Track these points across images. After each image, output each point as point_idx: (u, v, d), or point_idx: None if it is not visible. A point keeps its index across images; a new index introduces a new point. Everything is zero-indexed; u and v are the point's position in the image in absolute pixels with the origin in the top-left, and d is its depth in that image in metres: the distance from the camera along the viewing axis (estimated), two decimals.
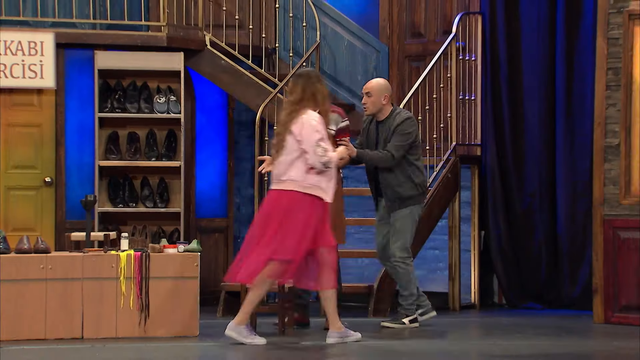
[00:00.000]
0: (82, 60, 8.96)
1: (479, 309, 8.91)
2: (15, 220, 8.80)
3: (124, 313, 7.13)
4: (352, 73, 9.64)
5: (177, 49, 8.96)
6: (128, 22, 9.01)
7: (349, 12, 9.74)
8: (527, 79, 8.97)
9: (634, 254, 7.79)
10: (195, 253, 7.30)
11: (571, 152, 8.76)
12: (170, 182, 9.09)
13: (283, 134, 6.83)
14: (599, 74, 7.99)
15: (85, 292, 7.10)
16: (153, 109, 9.00)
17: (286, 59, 9.41)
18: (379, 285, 8.31)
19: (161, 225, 9.11)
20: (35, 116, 8.91)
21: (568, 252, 8.77)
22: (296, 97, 6.86)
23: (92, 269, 7.12)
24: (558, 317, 8.31)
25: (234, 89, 9.20)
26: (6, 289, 7.02)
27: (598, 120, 7.98)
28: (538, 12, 8.89)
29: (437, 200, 8.76)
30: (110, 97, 8.99)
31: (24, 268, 7.07)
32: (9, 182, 8.87)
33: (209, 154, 9.58)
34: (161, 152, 9.06)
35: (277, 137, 6.89)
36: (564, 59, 8.78)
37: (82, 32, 8.94)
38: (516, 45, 8.99)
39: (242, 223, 9.72)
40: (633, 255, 7.79)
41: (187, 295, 7.22)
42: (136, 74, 9.00)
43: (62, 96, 8.93)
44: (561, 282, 8.81)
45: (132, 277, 7.13)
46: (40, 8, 8.88)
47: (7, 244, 7.18)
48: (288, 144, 6.83)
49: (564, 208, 8.78)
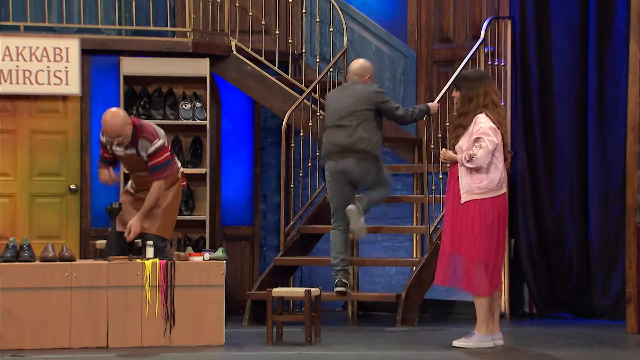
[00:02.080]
0: (108, 67, 9.02)
1: (509, 318, 8.88)
2: (40, 227, 8.85)
3: (149, 322, 7.15)
4: (380, 78, 9.63)
5: (202, 55, 8.99)
6: (153, 27, 9.05)
7: (377, 17, 9.75)
8: (557, 84, 8.94)
9: None
10: (221, 261, 7.31)
11: (603, 158, 8.72)
12: (196, 189, 9.12)
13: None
14: (632, 79, 7.95)
15: (110, 300, 7.13)
16: (178, 116, 9.04)
17: (313, 64, 9.43)
18: (407, 295, 8.29)
19: (186, 233, 9.13)
20: (60, 123, 8.96)
21: (600, 261, 8.72)
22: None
23: (117, 277, 7.15)
24: (590, 327, 8.27)
25: (260, 95, 9.22)
26: (31, 297, 7.06)
27: (631, 125, 7.95)
28: (569, 16, 8.86)
29: None
30: (136, 104, 9.04)
31: (48, 276, 7.10)
32: (34, 190, 8.93)
33: (234, 161, 9.61)
34: (186, 159, 9.09)
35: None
36: (595, 63, 8.75)
37: (107, 38, 8.99)
38: (547, 50, 8.96)
39: (268, 231, 9.74)
40: None
41: (212, 304, 7.23)
42: (162, 80, 9.04)
43: (87, 103, 8.98)
44: (593, 291, 8.76)
45: (158, 286, 7.15)
46: (66, 14, 8.94)
47: (32, 251, 7.22)
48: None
49: (596, 215, 8.74)
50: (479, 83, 6.97)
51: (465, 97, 6.96)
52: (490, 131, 6.89)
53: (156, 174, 7.29)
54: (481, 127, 6.89)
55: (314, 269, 9.69)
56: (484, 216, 6.90)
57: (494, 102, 6.99)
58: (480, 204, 6.88)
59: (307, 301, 7.33)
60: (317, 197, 9.06)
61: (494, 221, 6.93)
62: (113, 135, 7.24)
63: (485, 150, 6.84)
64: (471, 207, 6.90)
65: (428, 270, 8.34)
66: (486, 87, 6.98)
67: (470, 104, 6.96)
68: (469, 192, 6.90)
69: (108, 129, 7.24)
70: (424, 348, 7.20)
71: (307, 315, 7.33)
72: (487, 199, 6.89)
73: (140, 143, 7.29)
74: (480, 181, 6.89)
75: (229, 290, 7.60)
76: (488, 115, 6.95)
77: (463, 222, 6.92)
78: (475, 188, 6.89)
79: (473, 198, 6.89)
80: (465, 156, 6.89)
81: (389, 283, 9.55)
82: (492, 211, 6.92)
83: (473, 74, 7.10)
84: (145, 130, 7.31)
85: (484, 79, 7.02)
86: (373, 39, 9.69)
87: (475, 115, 6.96)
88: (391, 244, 9.64)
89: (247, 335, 7.75)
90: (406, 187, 9.63)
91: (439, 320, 8.71)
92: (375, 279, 9.64)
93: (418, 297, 8.39)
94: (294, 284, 9.37)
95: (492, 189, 6.89)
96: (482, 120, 6.93)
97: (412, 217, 9.49)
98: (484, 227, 6.90)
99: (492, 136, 6.88)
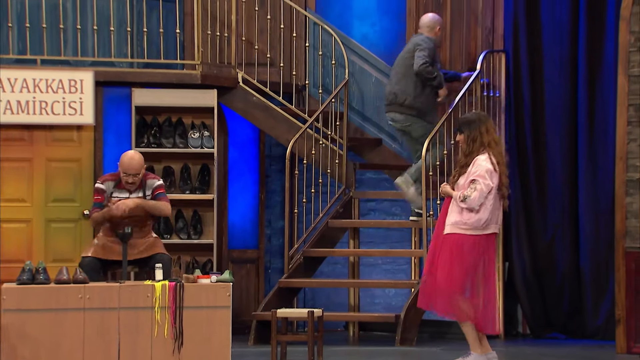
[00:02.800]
0: (120, 98, 9.04)
1: (504, 338, 8.85)
2: (55, 251, 8.85)
3: (159, 341, 7.12)
4: (380, 109, 9.64)
5: (210, 86, 9.02)
6: (164, 60, 9.09)
7: (377, 50, 9.77)
8: (549, 113, 8.95)
9: None
10: (228, 283, 7.29)
11: (593, 186, 8.71)
12: (204, 214, 9.12)
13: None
14: (620, 110, 7.97)
15: (121, 321, 7.10)
16: (187, 144, 9.05)
17: (316, 95, 9.45)
18: (405, 315, 8.27)
19: (195, 256, 9.12)
20: (74, 151, 8.98)
21: (591, 283, 8.70)
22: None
23: (128, 298, 7.13)
24: (581, 347, 8.24)
25: (265, 125, 9.24)
26: (46, 318, 7.04)
27: (620, 154, 7.95)
28: (560, 50, 8.89)
29: None
30: (147, 133, 9.05)
31: (63, 298, 7.08)
32: (49, 215, 8.93)
33: (240, 187, 9.61)
34: (195, 186, 9.10)
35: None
36: (585, 94, 8.76)
37: (120, 70, 9.02)
38: (539, 81, 8.98)
39: (272, 254, 9.72)
40: None
41: (219, 324, 7.20)
42: (171, 110, 9.06)
43: (100, 132, 9.00)
44: (584, 312, 8.74)
45: (167, 307, 7.13)
46: (81, 48, 8.97)
47: (47, 274, 7.20)
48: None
49: (587, 240, 8.73)
50: (479, 123, 6.98)
51: (469, 138, 6.96)
52: (487, 174, 6.82)
53: (163, 197, 7.50)
54: (479, 169, 6.84)
55: (316, 290, 9.68)
56: (462, 250, 6.81)
57: (495, 140, 6.98)
58: (461, 238, 6.80)
59: (310, 322, 7.32)
60: (319, 222, 9.05)
61: (477, 259, 6.81)
62: (133, 173, 7.35)
63: (479, 193, 6.79)
64: (452, 239, 6.83)
65: None
66: (487, 126, 6.98)
67: (475, 143, 6.94)
68: (453, 225, 6.85)
69: (133, 167, 7.37)
70: None
71: (310, 335, 7.31)
72: (470, 235, 6.82)
73: (147, 184, 7.47)
74: (468, 218, 6.83)
75: (235, 311, 7.59)
76: (490, 156, 6.89)
77: (442, 252, 6.88)
78: (461, 223, 6.83)
79: (456, 232, 6.83)
80: (460, 195, 6.85)
81: (388, 304, 9.54)
82: (473, 249, 6.80)
83: (472, 116, 7.12)
84: (150, 174, 7.62)
85: (483, 118, 7.04)
86: (373, 71, 9.72)
87: (478, 154, 6.94)
88: (391, 266, 9.64)
89: (253, 354, 7.72)
90: (405, 212, 9.62)
91: (437, 340, 8.68)
92: (376, 300, 9.63)
93: (416, 317, 8.37)
94: (297, 305, 9.35)
95: (477, 227, 6.81)
96: (481, 163, 6.86)
97: (410, 241, 9.47)
98: (460, 260, 6.81)
99: (488, 179, 6.81)
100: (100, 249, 7.50)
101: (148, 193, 7.49)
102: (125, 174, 7.42)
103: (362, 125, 9.72)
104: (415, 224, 9.06)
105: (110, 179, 7.54)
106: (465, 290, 6.81)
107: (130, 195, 7.48)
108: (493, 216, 6.86)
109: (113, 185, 7.49)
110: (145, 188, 7.48)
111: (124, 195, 7.45)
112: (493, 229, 6.88)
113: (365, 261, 9.52)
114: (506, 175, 6.90)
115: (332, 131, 9.15)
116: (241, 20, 9.26)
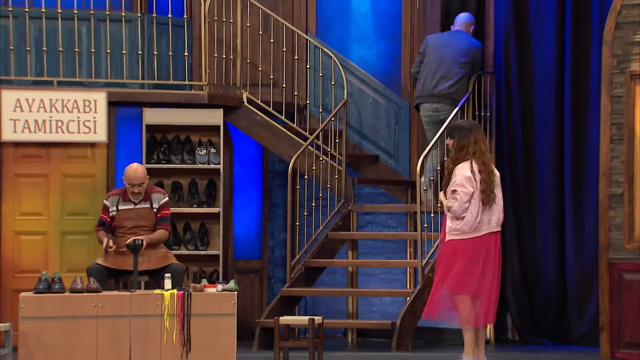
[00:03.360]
0: (131, 117, 9.08)
1: (494, 344, 8.89)
2: (70, 262, 8.87)
3: (168, 347, 7.17)
4: (377, 127, 9.72)
5: (217, 106, 9.07)
6: (173, 82, 9.13)
7: (374, 72, 9.84)
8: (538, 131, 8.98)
9: (637, 295, 7.78)
10: (233, 292, 7.35)
11: (579, 200, 8.77)
12: (210, 226, 9.17)
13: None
14: (603, 129, 8.04)
15: (132, 328, 7.15)
16: (195, 160, 9.12)
17: (316, 114, 9.51)
18: (401, 322, 8.33)
19: (202, 266, 9.17)
20: (88, 167, 9.00)
21: (576, 293, 8.75)
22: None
23: (138, 307, 7.18)
24: (567, 353, 8.29)
25: (268, 142, 9.29)
26: (61, 325, 7.10)
27: (603, 170, 8.01)
28: (547, 72, 8.95)
29: None
30: (156, 150, 9.12)
31: (77, 306, 7.14)
32: (65, 228, 8.98)
33: (245, 201, 9.66)
34: (202, 200, 9.16)
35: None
36: (571, 115, 8.82)
37: (131, 91, 9.07)
38: (528, 102, 9.03)
39: (275, 264, 9.76)
40: (636, 296, 7.78)
41: (225, 331, 7.25)
42: (180, 128, 9.11)
43: (112, 149, 9.04)
44: (570, 320, 8.78)
45: (175, 315, 7.18)
46: (94, 70, 9.03)
47: (62, 284, 7.26)
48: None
49: (572, 251, 8.77)
50: (470, 132, 6.94)
51: (457, 145, 6.94)
52: (465, 181, 6.85)
53: (165, 224, 7.63)
54: (457, 177, 6.90)
55: (317, 299, 9.71)
56: (456, 254, 6.89)
57: (482, 151, 6.97)
58: (457, 243, 6.90)
59: (310, 328, 7.36)
60: (320, 234, 9.10)
61: (475, 257, 6.87)
62: (138, 183, 7.48)
63: (460, 202, 6.85)
64: (448, 245, 6.93)
65: (420, 300, 8.36)
66: (476, 136, 6.95)
67: (461, 152, 6.94)
68: (449, 233, 6.96)
69: (137, 177, 7.54)
70: None
71: (311, 341, 7.35)
72: (462, 240, 6.88)
73: (153, 197, 7.60)
74: (457, 224, 6.91)
75: (240, 318, 7.63)
76: (472, 164, 6.92)
77: (444, 258, 6.97)
78: (452, 230, 6.92)
79: (452, 238, 6.93)
80: (446, 206, 6.95)
81: (385, 312, 9.57)
82: (469, 249, 6.86)
83: (465, 123, 7.10)
84: (155, 188, 7.78)
85: (474, 128, 7.01)
86: (370, 91, 9.78)
87: (462, 161, 6.97)
88: (387, 276, 9.67)
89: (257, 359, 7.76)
90: (400, 224, 9.67)
91: (431, 346, 8.71)
92: (373, 307, 9.66)
93: (412, 324, 8.42)
94: (299, 312, 9.37)
95: (465, 231, 6.87)
96: (460, 171, 6.88)
97: (405, 252, 9.53)
98: (456, 263, 6.89)
99: (467, 187, 6.85)
100: (112, 259, 7.59)
101: (155, 206, 7.61)
102: (130, 184, 7.54)
103: (360, 143, 9.79)
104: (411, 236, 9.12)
105: (115, 194, 7.69)
106: (464, 292, 6.85)
107: (135, 206, 7.59)
108: (484, 217, 6.89)
109: (118, 199, 7.62)
110: (151, 201, 7.59)
111: (129, 206, 7.57)
112: (487, 229, 6.91)
113: (363, 271, 9.56)
114: (487, 182, 6.91)
115: (332, 148, 9.19)
116: (246, 44, 9.32)
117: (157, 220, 7.63)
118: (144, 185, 7.57)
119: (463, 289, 6.84)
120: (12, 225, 8.86)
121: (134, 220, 7.61)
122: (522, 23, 9.00)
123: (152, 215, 7.62)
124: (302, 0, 9.73)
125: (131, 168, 7.63)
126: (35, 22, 8.96)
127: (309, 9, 9.76)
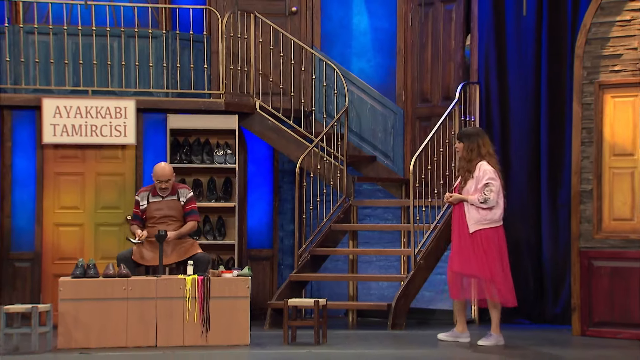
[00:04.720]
0: (157, 122, 9.11)
1: (478, 323, 8.94)
2: (103, 250, 8.92)
3: (189, 326, 7.24)
4: (374, 131, 9.75)
5: (232, 112, 9.11)
6: (194, 91, 9.18)
7: (372, 82, 9.88)
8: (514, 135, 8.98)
9: (604, 279, 7.84)
10: (247, 277, 7.40)
11: (553, 196, 8.80)
12: (227, 219, 9.21)
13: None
14: (575, 133, 8.08)
15: (158, 309, 7.22)
16: (213, 161, 9.17)
17: (320, 119, 9.54)
18: (396, 304, 8.37)
19: (219, 254, 9.21)
20: (119, 167, 9.04)
21: (551, 278, 8.79)
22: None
23: (164, 290, 7.25)
24: (543, 331, 8.33)
25: (278, 144, 9.32)
26: (95, 306, 7.17)
27: (575, 169, 8.06)
28: (525, 82, 8.98)
29: (444, 236, 8.81)
30: (179, 151, 9.17)
31: (109, 289, 7.21)
32: (98, 220, 9.02)
33: (257, 197, 9.69)
34: (219, 195, 9.20)
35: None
36: (547, 119, 8.84)
37: (157, 99, 9.11)
38: (507, 109, 9.04)
39: (284, 253, 9.80)
40: (604, 280, 7.85)
41: (240, 312, 7.31)
42: (200, 132, 9.15)
43: (140, 150, 9.07)
44: (545, 301, 8.82)
45: (196, 297, 7.24)
46: (125, 80, 9.08)
47: (96, 270, 7.34)
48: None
49: (548, 242, 8.81)
50: (477, 136, 7.16)
51: (468, 148, 7.12)
52: (495, 175, 7.07)
53: (194, 216, 7.67)
54: (487, 173, 7.04)
55: (321, 283, 9.73)
56: (490, 242, 7.04)
57: (490, 153, 7.16)
58: (486, 232, 7.04)
59: (316, 309, 7.41)
60: (324, 226, 9.12)
61: (500, 245, 7.10)
62: (165, 179, 7.56)
63: (496, 192, 7.02)
64: (478, 235, 7.05)
65: (413, 284, 8.43)
66: (483, 140, 7.17)
67: (473, 152, 7.11)
68: (477, 223, 7.06)
69: (164, 175, 7.63)
70: (412, 347, 7.28)
71: (316, 320, 7.41)
72: (491, 228, 7.04)
73: (180, 192, 7.68)
74: (486, 214, 7.05)
75: (253, 300, 7.67)
76: (489, 163, 7.10)
77: (474, 248, 7.04)
78: (483, 220, 7.04)
79: (480, 228, 7.04)
80: (479, 198, 7.04)
81: (382, 295, 9.60)
82: (495, 237, 7.09)
83: (472, 129, 7.30)
84: (181, 184, 7.88)
85: (480, 133, 7.22)
86: (369, 99, 9.81)
87: (477, 162, 7.09)
88: (384, 263, 9.70)
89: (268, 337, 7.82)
90: (396, 217, 9.71)
91: (423, 325, 8.74)
92: (371, 291, 9.69)
93: (405, 305, 8.45)
94: (305, 295, 9.40)
95: (495, 220, 7.08)
96: (487, 167, 7.08)
97: (400, 241, 9.57)
98: (491, 250, 7.02)
99: (497, 180, 7.06)
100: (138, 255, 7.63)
101: (182, 199, 7.68)
102: (158, 181, 7.62)
103: (359, 145, 9.82)
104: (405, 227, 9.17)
105: (145, 190, 7.75)
106: (498, 275, 6.95)
107: (163, 198, 7.66)
108: (502, 210, 7.08)
109: (148, 194, 7.69)
110: (179, 195, 7.66)
111: (158, 199, 7.64)
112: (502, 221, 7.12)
113: (362, 259, 9.59)
114: (501, 179, 7.12)
115: (334, 150, 9.23)
116: (258, 57, 9.36)
117: (186, 213, 7.70)
118: (170, 181, 7.65)
119: (491, 273, 7.03)
120: (52, 217, 8.93)
121: (162, 211, 7.68)
122: (502, 40, 9.02)
123: (179, 207, 7.68)
124: (308, 19, 9.78)
125: (159, 166, 7.71)
126: (73, 38, 9.02)
127: (314, 27, 9.82)
